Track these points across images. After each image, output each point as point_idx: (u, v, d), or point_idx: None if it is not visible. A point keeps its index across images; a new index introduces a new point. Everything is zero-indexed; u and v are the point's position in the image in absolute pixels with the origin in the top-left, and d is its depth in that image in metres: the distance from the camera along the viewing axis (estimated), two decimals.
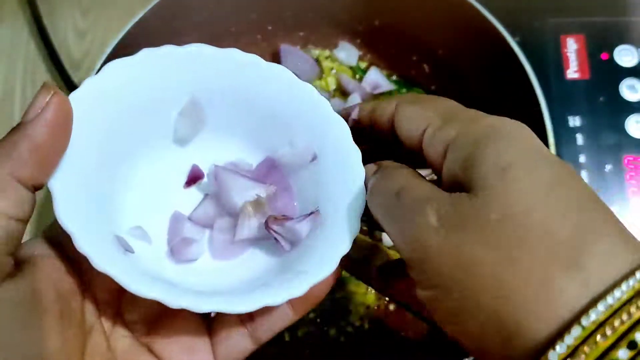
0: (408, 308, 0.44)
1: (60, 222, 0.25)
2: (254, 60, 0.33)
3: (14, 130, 0.25)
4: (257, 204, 0.32)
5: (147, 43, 0.59)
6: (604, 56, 0.67)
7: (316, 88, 0.68)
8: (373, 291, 0.57)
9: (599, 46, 0.68)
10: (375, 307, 0.58)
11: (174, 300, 0.25)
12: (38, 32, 0.73)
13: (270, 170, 0.34)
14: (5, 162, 0.24)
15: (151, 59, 0.31)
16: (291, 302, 0.29)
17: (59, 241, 0.28)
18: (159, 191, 0.33)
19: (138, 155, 0.32)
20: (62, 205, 0.26)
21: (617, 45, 0.68)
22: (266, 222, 0.31)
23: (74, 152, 0.27)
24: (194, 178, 0.34)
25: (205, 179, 0.34)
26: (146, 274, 0.27)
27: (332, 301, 0.58)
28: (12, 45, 0.74)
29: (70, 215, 0.26)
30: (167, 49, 0.31)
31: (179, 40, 0.62)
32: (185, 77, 0.32)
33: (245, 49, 0.68)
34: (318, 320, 0.57)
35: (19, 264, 0.25)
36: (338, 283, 0.57)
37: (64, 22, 0.75)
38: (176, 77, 0.32)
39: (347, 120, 0.33)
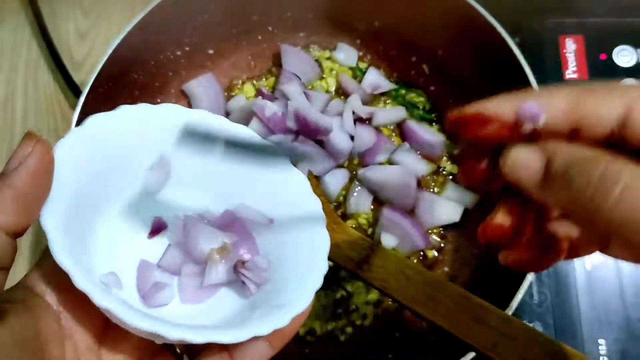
0: (409, 308, 0.45)
1: (57, 260, 0.26)
2: (222, 123, 0.36)
3: None
4: (223, 249, 0.34)
5: (148, 43, 0.60)
6: (603, 57, 0.68)
7: (317, 89, 0.69)
8: (374, 291, 0.58)
9: (597, 47, 0.68)
10: (376, 307, 0.58)
11: (172, 334, 0.26)
12: (40, 33, 0.73)
13: (232, 221, 0.35)
14: None
15: (128, 115, 0.33)
16: (268, 339, 0.30)
17: (50, 280, 0.28)
18: (126, 239, 0.34)
19: (110, 204, 0.34)
20: (57, 244, 0.26)
21: (615, 45, 0.68)
22: (235, 266, 0.33)
23: (58, 198, 0.28)
24: (157, 229, 0.35)
25: (169, 229, 0.36)
26: (137, 310, 0.28)
27: (333, 300, 0.58)
28: (14, 46, 0.74)
29: (65, 254, 0.26)
30: (144, 107, 0.34)
31: (180, 42, 0.63)
32: (157, 133, 0.34)
33: (246, 49, 0.69)
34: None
35: (4, 308, 0.25)
36: (338, 283, 0.58)
37: (65, 23, 0.75)
38: (150, 133, 0.34)
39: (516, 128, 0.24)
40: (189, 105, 0.66)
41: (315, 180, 0.58)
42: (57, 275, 0.28)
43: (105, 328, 0.30)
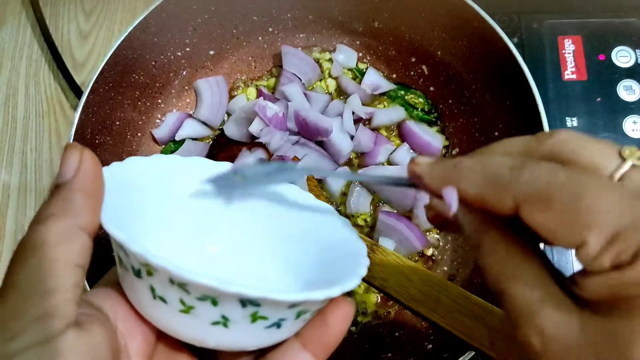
0: (408, 308, 0.45)
1: (124, 241, 0.27)
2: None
3: (60, 189, 0.27)
4: None
5: (149, 44, 0.60)
6: (601, 57, 0.68)
7: (317, 89, 0.69)
8: (374, 290, 0.58)
9: (596, 47, 0.68)
10: (376, 306, 0.58)
11: (228, 287, 0.26)
12: (41, 34, 0.73)
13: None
14: (66, 216, 0.26)
15: (161, 162, 0.36)
16: (310, 349, 0.31)
17: (108, 296, 0.30)
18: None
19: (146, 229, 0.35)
20: (118, 233, 0.27)
21: (614, 46, 0.68)
22: None
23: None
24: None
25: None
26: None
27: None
28: (16, 46, 0.75)
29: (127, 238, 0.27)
30: (176, 157, 0.37)
31: (181, 42, 0.63)
32: (187, 182, 0.37)
33: (246, 50, 0.69)
34: None
35: (80, 315, 0.26)
36: None
37: (67, 24, 0.76)
38: (181, 181, 0.36)
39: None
40: (193, 102, 0.66)
41: (316, 180, 0.58)
42: (114, 292, 0.30)
43: (157, 343, 0.31)
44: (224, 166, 0.39)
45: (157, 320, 0.29)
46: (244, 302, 0.27)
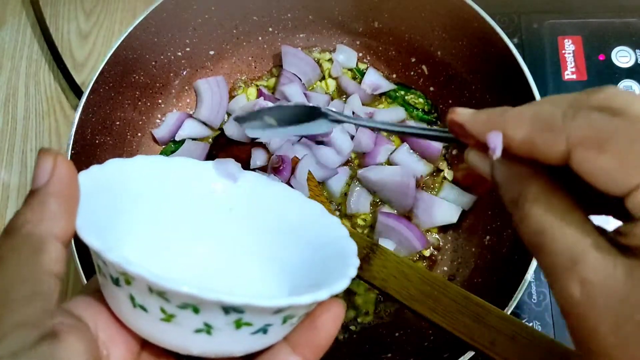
0: (408, 308, 0.45)
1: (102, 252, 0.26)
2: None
3: (35, 194, 0.27)
4: None
5: (149, 44, 0.60)
6: (601, 57, 0.68)
7: (317, 89, 0.69)
8: (374, 290, 0.58)
9: (596, 47, 0.68)
10: (376, 306, 0.58)
11: (207, 294, 0.25)
12: (41, 34, 0.73)
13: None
14: (41, 222, 0.26)
15: (143, 163, 0.36)
16: (300, 353, 0.30)
17: (89, 306, 0.29)
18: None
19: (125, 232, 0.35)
20: (92, 240, 0.27)
21: (614, 46, 0.68)
22: None
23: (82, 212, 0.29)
24: None
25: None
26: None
27: None
28: (16, 46, 0.75)
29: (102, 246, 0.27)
30: (158, 158, 0.37)
31: (181, 43, 0.63)
32: (173, 182, 0.37)
33: (247, 50, 0.69)
34: None
35: (58, 327, 0.26)
36: None
37: (67, 24, 0.76)
38: (162, 180, 0.36)
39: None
40: (193, 102, 0.66)
41: (315, 180, 0.58)
42: (96, 301, 0.29)
43: (141, 352, 0.31)
44: (207, 165, 0.38)
45: (139, 329, 0.29)
46: (227, 309, 0.26)
